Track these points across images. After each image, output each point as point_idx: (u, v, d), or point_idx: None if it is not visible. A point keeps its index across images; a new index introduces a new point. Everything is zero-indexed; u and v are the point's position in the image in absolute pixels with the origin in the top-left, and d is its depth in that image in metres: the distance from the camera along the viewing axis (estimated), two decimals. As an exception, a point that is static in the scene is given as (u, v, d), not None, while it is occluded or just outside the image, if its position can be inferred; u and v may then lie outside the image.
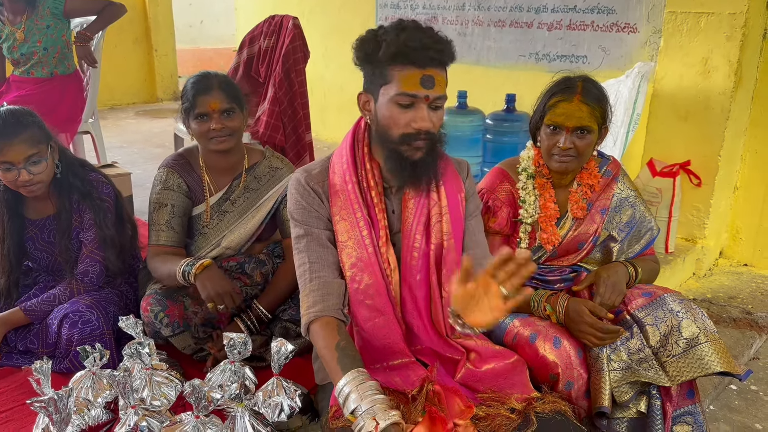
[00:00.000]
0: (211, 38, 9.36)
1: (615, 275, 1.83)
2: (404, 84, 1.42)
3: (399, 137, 1.47)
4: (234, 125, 2.02)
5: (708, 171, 3.10)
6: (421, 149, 1.48)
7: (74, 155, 2.24)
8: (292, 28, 3.27)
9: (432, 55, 1.42)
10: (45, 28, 3.32)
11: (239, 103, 2.04)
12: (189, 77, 2.08)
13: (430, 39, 1.42)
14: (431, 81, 1.43)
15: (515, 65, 4.12)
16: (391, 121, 1.46)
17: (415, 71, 1.42)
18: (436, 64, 1.43)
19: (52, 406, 1.50)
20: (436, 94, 1.44)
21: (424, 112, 1.44)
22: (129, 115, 6.79)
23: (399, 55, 1.41)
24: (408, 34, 1.41)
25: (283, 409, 1.71)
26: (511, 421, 1.44)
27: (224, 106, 1.99)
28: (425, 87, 1.42)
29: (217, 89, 1.99)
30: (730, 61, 2.94)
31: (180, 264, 1.93)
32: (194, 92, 1.99)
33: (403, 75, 1.42)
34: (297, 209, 1.58)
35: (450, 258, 1.61)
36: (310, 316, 1.51)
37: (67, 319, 1.98)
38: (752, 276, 3.29)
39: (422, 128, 1.45)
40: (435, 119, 1.47)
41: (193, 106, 1.99)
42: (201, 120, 1.99)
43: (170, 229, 2.06)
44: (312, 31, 3.66)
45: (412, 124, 1.45)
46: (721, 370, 1.66)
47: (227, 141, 2.02)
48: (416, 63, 1.41)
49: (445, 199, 1.60)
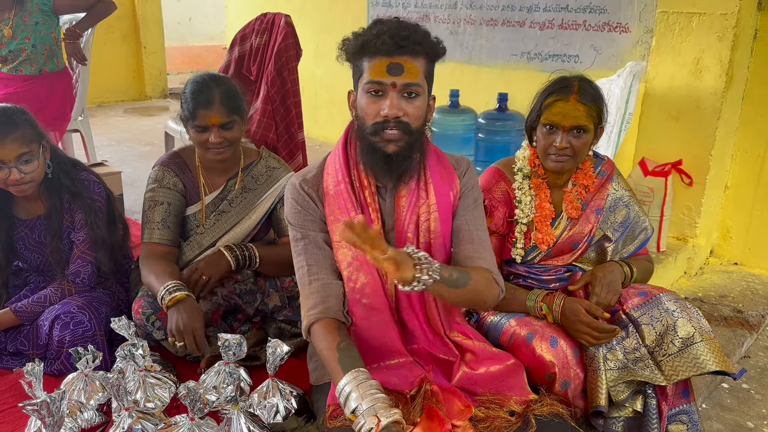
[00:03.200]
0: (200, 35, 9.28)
1: (611, 275, 1.84)
2: (372, 72, 1.45)
3: (371, 127, 1.47)
4: (233, 136, 1.98)
5: (699, 170, 3.12)
6: (394, 141, 1.47)
7: (65, 154, 2.21)
8: (284, 25, 3.24)
9: (398, 42, 1.43)
10: (34, 24, 3.28)
11: (240, 113, 1.99)
12: (189, 79, 2.01)
13: (397, 27, 1.44)
14: (399, 68, 1.43)
15: (507, 64, 4.12)
16: (364, 112, 1.48)
17: (382, 60, 1.44)
18: (403, 51, 1.44)
19: (45, 409, 1.48)
20: (404, 81, 1.44)
21: (393, 100, 1.44)
22: (118, 112, 6.73)
23: (367, 45, 1.45)
24: (379, 27, 1.45)
25: (278, 410, 1.69)
26: (510, 424, 1.44)
27: (224, 120, 1.93)
28: (392, 74, 1.43)
29: (218, 104, 1.92)
30: (722, 61, 2.96)
31: (161, 288, 1.86)
32: (194, 105, 1.92)
33: (371, 65, 1.45)
34: (293, 213, 1.59)
35: (438, 257, 1.61)
36: (311, 318, 1.50)
37: (59, 321, 1.96)
38: (743, 275, 3.32)
39: (389, 115, 1.44)
40: (409, 109, 1.46)
41: (193, 117, 1.93)
42: (200, 131, 1.95)
43: (165, 227, 2.03)
44: (303, 28, 3.64)
45: (381, 112, 1.45)
46: (716, 369, 1.67)
47: (226, 151, 1.99)
48: (383, 51, 1.43)
49: (433, 197, 1.59)
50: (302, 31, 3.42)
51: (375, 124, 1.47)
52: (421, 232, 1.59)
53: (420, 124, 1.51)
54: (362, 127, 1.50)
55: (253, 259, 2.03)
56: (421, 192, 1.59)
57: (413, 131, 1.49)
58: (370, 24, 1.49)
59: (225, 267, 1.99)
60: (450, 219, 1.64)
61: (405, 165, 1.52)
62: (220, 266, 1.99)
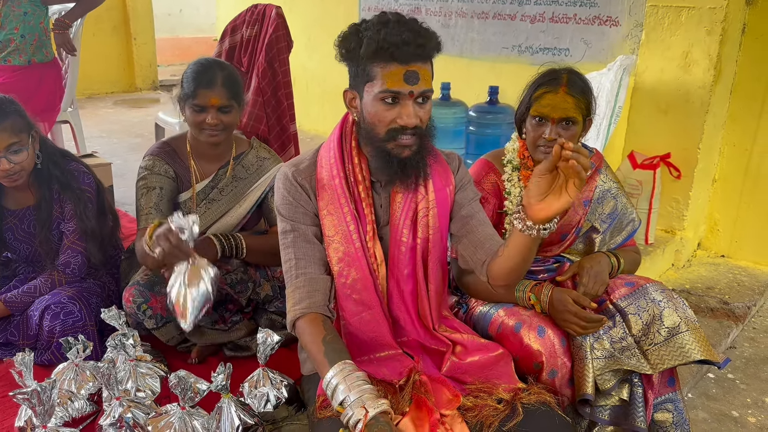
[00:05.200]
0: (191, 27, 9.23)
1: (598, 265, 1.86)
2: (388, 81, 1.40)
3: (385, 134, 1.45)
4: (230, 120, 2.00)
5: (687, 163, 3.15)
6: (409, 147, 1.46)
7: (55, 145, 2.21)
8: (275, 17, 3.23)
9: (414, 51, 1.39)
10: (22, 14, 3.25)
11: (238, 99, 2.01)
12: (192, 62, 2.02)
13: (412, 33, 1.39)
14: (415, 76, 1.40)
15: (498, 57, 4.13)
16: (377, 118, 1.44)
17: (398, 68, 1.39)
18: (418, 58, 1.41)
19: (35, 398, 1.49)
20: (421, 89, 1.42)
21: (410, 109, 1.42)
22: (107, 104, 6.69)
23: (380, 51, 1.39)
24: (389, 30, 1.39)
25: (269, 399, 1.71)
26: (498, 412, 1.44)
27: (223, 103, 1.95)
28: (409, 83, 1.40)
29: (220, 86, 1.94)
30: (710, 55, 2.98)
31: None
32: (196, 84, 1.94)
33: (386, 72, 1.40)
34: (284, 204, 1.57)
35: (435, 252, 1.62)
36: (296, 313, 1.50)
37: (49, 311, 1.96)
38: (729, 267, 3.36)
39: (408, 125, 1.43)
40: (422, 114, 1.45)
41: (192, 96, 1.94)
42: (197, 111, 1.96)
43: (159, 211, 2.01)
44: (294, 20, 3.63)
45: (398, 120, 1.43)
46: (701, 358, 1.70)
47: (220, 135, 2.00)
48: (398, 59, 1.39)
49: (432, 193, 1.60)
50: (294, 24, 3.41)
51: (391, 130, 1.44)
52: (419, 228, 1.59)
53: (428, 124, 1.50)
54: (373, 133, 1.47)
55: (240, 249, 2.03)
56: (419, 188, 1.59)
57: (424, 133, 1.49)
58: (377, 22, 1.41)
59: (212, 255, 1.98)
60: (447, 215, 1.64)
61: (419, 167, 1.52)
62: (207, 253, 1.98)
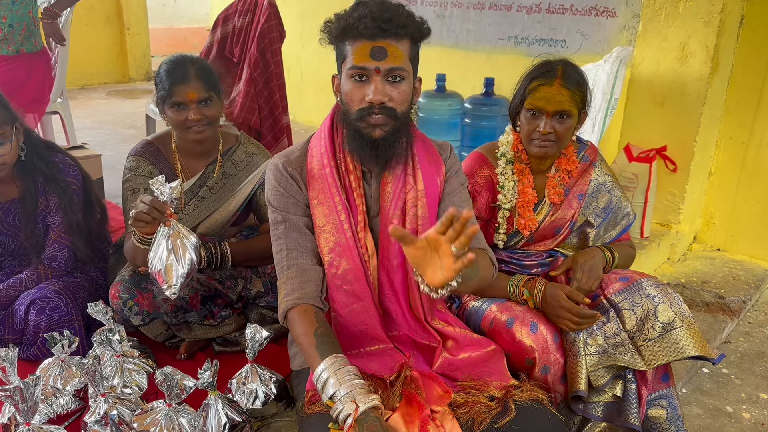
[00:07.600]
0: (185, 17, 9.17)
1: (592, 260, 1.84)
2: (355, 57, 1.42)
3: (356, 113, 1.45)
4: (212, 113, 1.96)
5: (684, 156, 3.12)
6: (380, 126, 1.45)
7: (40, 137, 2.17)
8: (267, 6, 3.19)
9: (381, 26, 1.39)
10: (10, 3, 3.20)
11: (217, 90, 1.98)
12: (162, 61, 1.99)
13: (381, 10, 1.41)
14: (382, 52, 1.41)
15: (494, 48, 4.09)
16: (348, 97, 1.46)
17: (365, 43, 1.41)
18: (387, 34, 1.41)
19: (18, 395, 1.46)
20: (388, 66, 1.41)
21: (377, 85, 1.42)
22: (100, 95, 6.63)
23: (349, 28, 1.42)
24: (362, 9, 1.41)
25: (257, 396, 1.68)
26: (490, 409, 1.43)
27: (202, 96, 1.92)
28: (375, 58, 1.41)
29: (194, 79, 1.91)
30: (707, 47, 2.95)
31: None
32: (171, 81, 1.91)
33: (355, 48, 1.42)
34: (274, 195, 1.56)
35: None
36: (288, 304, 1.49)
37: (35, 305, 1.93)
38: (725, 261, 3.34)
39: (374, 101, 1.42)
40: (394, 94, 1.44)
41: (170, 95, 1.91)
42: (178, 109, 1.93)
43: None
44: (288, 10, 3.59)
45: (365, 97, 1.43)
46: (695, 354, 1.68)
47: (206, 130, 1.97)
48: (365, 35, 1.40)
49: (421, 183, 1.58)
50: (288, 14, 3.38)
51: (360, 109, 1.44)
52: (408, 219, 1.57)
53: (405, 108, 1.48)
54: (347, 113, 1.48)
55: (225, 259, 1.99)
56: (408, 178, 1.57)
57: (399, 116, 1.47)
58: (353, 5, 1.45)
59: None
60: (437, 205, 1.62)
61: (391, 150, 1.51)
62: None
